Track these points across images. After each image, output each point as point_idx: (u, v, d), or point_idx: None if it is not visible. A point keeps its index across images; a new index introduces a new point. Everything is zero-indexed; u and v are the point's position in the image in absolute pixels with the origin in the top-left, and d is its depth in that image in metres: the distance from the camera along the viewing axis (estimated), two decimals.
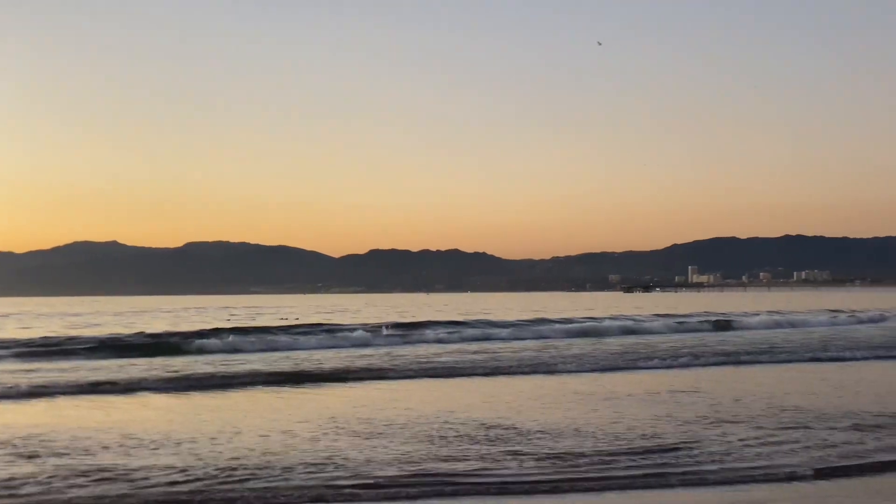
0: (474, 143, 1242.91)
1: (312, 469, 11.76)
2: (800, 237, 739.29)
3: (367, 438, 14.15)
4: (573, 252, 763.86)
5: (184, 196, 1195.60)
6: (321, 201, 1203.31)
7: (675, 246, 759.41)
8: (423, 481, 11.13)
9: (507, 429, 14.90)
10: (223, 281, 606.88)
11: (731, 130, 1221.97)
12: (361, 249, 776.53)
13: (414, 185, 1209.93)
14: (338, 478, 11.26)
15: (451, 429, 14.93)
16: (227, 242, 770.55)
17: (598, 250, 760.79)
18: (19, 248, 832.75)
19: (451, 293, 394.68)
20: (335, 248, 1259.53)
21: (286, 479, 11.17)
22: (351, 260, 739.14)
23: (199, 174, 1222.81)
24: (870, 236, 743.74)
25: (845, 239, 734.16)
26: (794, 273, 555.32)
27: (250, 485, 10.90)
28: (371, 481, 11.08)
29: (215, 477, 11.30)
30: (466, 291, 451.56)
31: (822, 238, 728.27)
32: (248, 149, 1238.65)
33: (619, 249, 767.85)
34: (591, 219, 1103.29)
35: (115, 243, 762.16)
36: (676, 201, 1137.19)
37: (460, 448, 13.25)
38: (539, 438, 14.02)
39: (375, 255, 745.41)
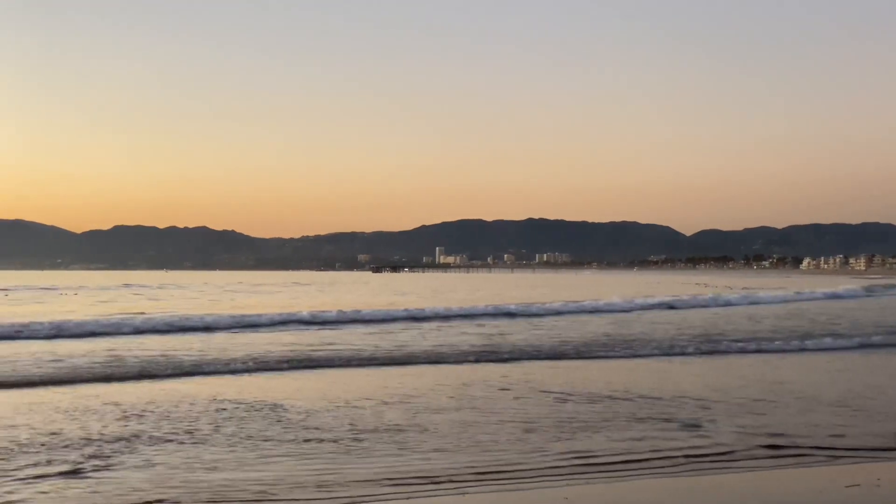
0: (223, 121, 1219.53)
1: None
2: (542, 220, 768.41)
3: None
4: (323, 231, 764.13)
5: None
6: (61, 172, 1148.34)
7: (423, 227, 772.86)
8: None
9: None
10: None
11: (484, 115, 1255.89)
12: (105, 225, 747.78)
13: (161, 160, 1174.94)
14: None
15: None
16: None
17: (349, 230, 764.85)
18: None
19: (199, 271, 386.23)
20: (77, 222, 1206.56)
21: None
22: (94, 235, 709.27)
23: None
24: (606, 221, 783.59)
25: (584, 223, 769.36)
26: (537, 255, 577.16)
27: None
28: None
29: None
30: (214, 269, 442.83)
31: (563, 222, 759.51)
32: None
33: (368, 230, 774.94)
34: (341, 199, 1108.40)
35: None
36: (425, 183, 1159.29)
37: None
38: None
39: (120, 230, 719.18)
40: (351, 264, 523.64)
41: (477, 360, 21.45)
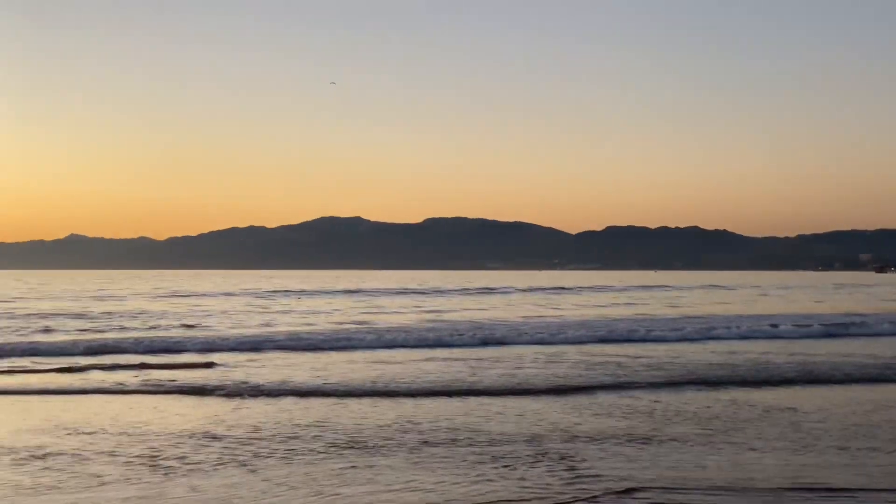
0: (718, 115, 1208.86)
1: None
2: None
3: None
4: (820, 230, 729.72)
5: (425, 174, 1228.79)
6: (557, 178, 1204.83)
7: None
8: None
9: None
10: (460, 256, 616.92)
11: None
12: (598, 226, 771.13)
13: (653, 161, 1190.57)
14: None
15: None
16: (465, 218, 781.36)
17: (849, 228, 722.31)
18: (270, 223, 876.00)
19: (689, 271, 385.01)
20: (571, 224, 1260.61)
21: None
22: (587, 236, 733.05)
23: (437, 153, 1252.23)
24: None
25: None
26: None
27: None
28: None
29: None
30: (703, 269, 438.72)
31: None
32: (483, 128, 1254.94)
33: (871, 227, 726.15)
34: (840, 194, 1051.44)
35: (358, 218, 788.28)
36: None
37: None
38: None
39: (612, 231, 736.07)
40: (850, 264, 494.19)
41: None
